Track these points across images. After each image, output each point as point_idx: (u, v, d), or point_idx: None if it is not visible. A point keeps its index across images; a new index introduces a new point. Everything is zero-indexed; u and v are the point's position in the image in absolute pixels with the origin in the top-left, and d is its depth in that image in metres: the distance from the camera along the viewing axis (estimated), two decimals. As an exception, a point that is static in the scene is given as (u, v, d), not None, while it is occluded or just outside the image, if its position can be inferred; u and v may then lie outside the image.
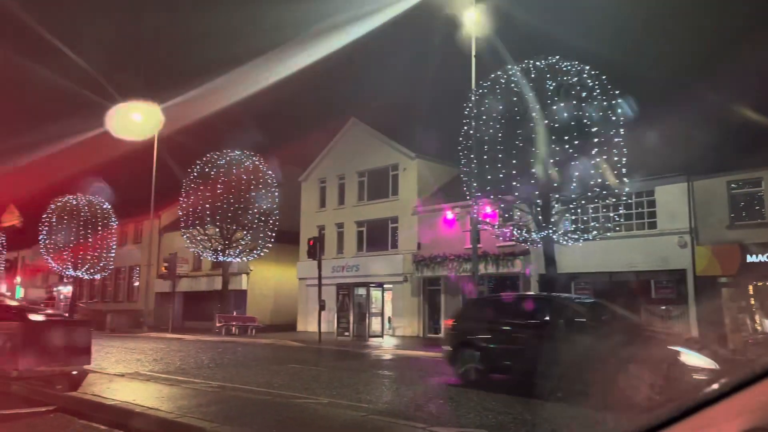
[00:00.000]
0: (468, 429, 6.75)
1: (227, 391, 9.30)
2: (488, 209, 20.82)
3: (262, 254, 30.79)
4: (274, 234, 30.73)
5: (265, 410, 7.35)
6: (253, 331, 29.47)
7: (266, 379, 11.17)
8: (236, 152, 29.59)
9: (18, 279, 52.25)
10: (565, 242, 19.06)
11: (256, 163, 29.96)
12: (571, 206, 19.08)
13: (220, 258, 29.30)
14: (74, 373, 9.98)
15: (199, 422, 6.20)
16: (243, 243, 29.47)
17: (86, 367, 10.29)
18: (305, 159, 37.28)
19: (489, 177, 18.29)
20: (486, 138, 18.42)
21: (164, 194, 38.97)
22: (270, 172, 30.69)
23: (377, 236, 32.50)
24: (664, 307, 21.99)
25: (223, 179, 28.41)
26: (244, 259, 30.76)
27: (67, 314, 35.55)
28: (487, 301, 14.55)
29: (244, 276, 37.11)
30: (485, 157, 18.26)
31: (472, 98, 19.21)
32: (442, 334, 25.14)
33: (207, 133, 45.52)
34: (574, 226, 19.97)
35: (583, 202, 18.87)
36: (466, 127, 19.15)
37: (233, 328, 29.10)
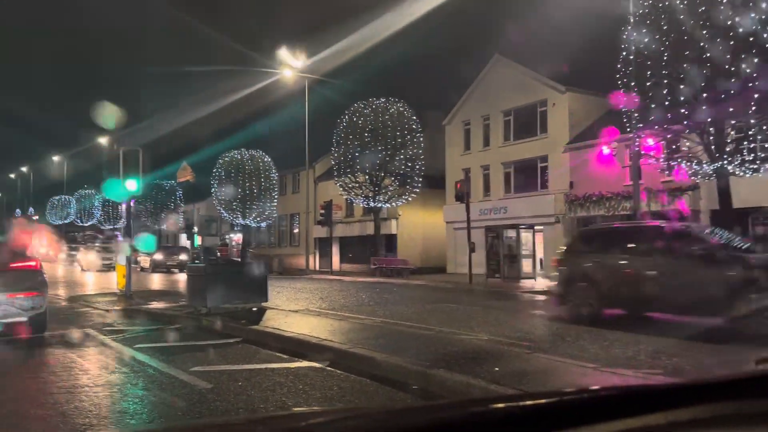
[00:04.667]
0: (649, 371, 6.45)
1: (390, 326, 9.75)
2: (650, 141, 19.20)
3: (409, 199, 31.39)
4: (421, 179, 31.08)
5: (428, 344, 7.61)
6: (406, 274, 30.44)
7: (424, 317, 11.54)
8: (381, 100, 30.03)
9: (195, 228, 58.39)
10: (741, 174, 17.12)
11: (401, 109, 30.20)
12: (749, 132, 16.99)
13: (371, 204, 30.37)
14: (254, 309, 11.05)
15: (369, 353, 6.57)
16: (391, 189, 30.23)
17: (263, 304, 11.34)
18: (447, 102, 36.91)
19: (653, 105, 16.78)
20: (648, 63, 16.83)
21: (317, 145, 40.96)
22: (414, 117, 30.82)
23: (525, 177, 31.60)
24: None
25: (370, 127, 29.10)
26: (393, 204, 31.56)
27: (239, 259, 39.40)
28: (601, 233, 13.17)
29: (393, 221, 38.19)
30: (648, 83, 16.73)
31: (633, 17, 17.53)
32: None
33: (351, 83, 46.58)
34: (752, 155, 17.80)
35: (764, 128, 16.70)
36: (625, 52, 17.61)
37: (387, 270, 30.28)
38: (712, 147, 17.16)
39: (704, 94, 15.96)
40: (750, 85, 15.52)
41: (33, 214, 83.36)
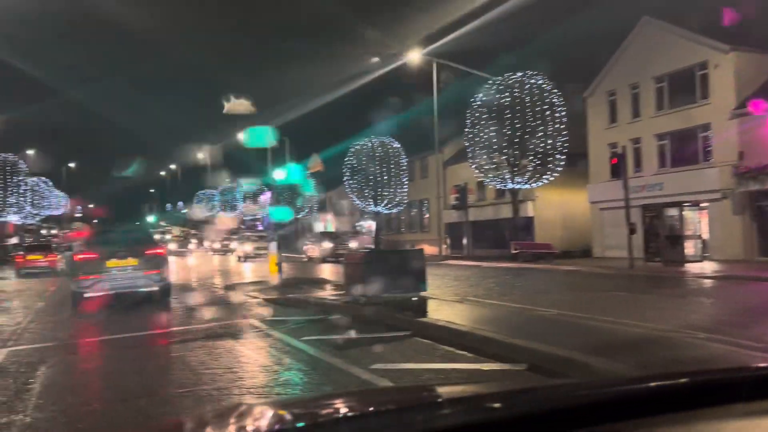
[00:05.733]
0: None
1: (569, 319, 8.67)
2: None
3: (551, 178, 29.48)
4: (563, 157, 29.07)
5: (639, 345, 6.45)
6: (550, 259, 28.73)
7: (603, 307, 10.27)
8: (517, 74, 28.34)
9: (329, 216, 59.97)
10: None
11: (539, 82, 28.33)
12: None
13: (509, 185, 28.87)
14: (413, 299, 10.42)
15: (580, 356, 5.57)
16: (531, 169, 28.52)
17: (422, 294, 10.67)
18: (587, 74, 34.26)
19: None
20: None
21: (445, 129, 40.04)
22: (555, 90, 28.80)
23: (683, 149, 28.46)
24: None
25: (506, 104, 27.56)
26: (534, 184, 29.83)
27: (372, 246, 39.65)
28: None
29: (529, 203, 36.34)
30: None
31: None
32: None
33: (480, 61, 44.92)
34: None
35: None
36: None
37: (528, 255, 28.75)
38: None
39: None
40: None
41: (182, 208, 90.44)
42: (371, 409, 1.57)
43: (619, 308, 10.31)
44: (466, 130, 29.75)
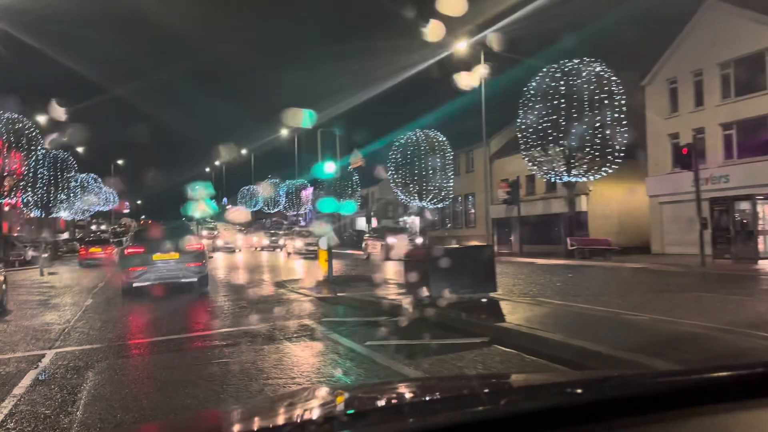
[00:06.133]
0: None
1: (667, 326, 7.66)
2: None
3: (609, 171, 28.00)
4: (623, 148, 27.58)
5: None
6: (608, 255, 27.35)
7: (698, 312, 9.20)
8: (574, 61, 26.93)
9: (372, 212, 59.37)
10: None
11: (597, 69, 26.85)
12: None
13: (564, 178, 27.52)
14: (483, 300, 9.54)
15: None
16: (587, 161, 27.10)
17: (492, 294, 9.78)
18: (643, 61, 32.59)
19: None
20: None
21: (491, 122, 38.84)
22: (614, 78, 27.28)
23: (752, 138, 26.69)
24: None
25: (562, 92, 26.20)
26: (591, 177, 28.40)
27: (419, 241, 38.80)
28: None
29: (583, 197, 34.87)
30: None
31: None
32: None
33: (526, 49, 43.44)
34: None
35: None
36: None
37: (585, 252, 27.43)
38: None
39: None
40: None
41: (226, 204, 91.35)
42: (451, 395, 1.64)
43: (721, 312, 9.25)
44: (519, 120, 28.51)
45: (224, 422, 1.75)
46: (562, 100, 26.18)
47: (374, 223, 56.94)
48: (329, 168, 15.31)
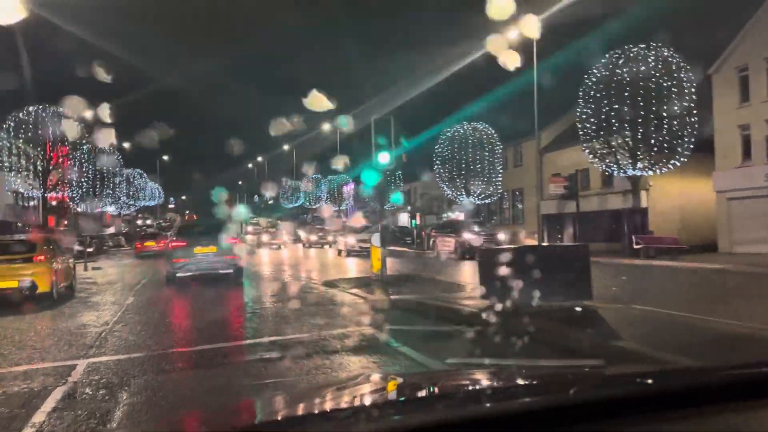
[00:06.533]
0: None
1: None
2: None
3: (678, 164, 26.02)
4: (692, 140, 25.56)
5: None
6: (676, 254, 25.44)
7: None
8: (640, 46, 24.99)
9: (413, 207, 58.03)
10: None
11: (665, 54, 24.85)
12: None
13: (629, 172, 25.64)
14: (577, 308, 8.17)
15: None
16: (654, 153, 25.16)
17: (587, 303, 8.38)
18: (709, 49, 30.32)
19: None
20: None
21: (541, 114, 36.95)
22: (683, 64, 25.24)
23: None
24: None
25: (627, 80, 24.31)
26: (657, 171, 26.45)
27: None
28: None
29: (642, 192, 32.86)
30: None
31: None
32: None
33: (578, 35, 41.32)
34: None
35: None
36: None
37: (651, 251, 25.57)
38: None
39: None
40: None
41: (268, 199, 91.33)
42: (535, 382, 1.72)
43: None
44: (578, 110, 26.71)
45: (281, 406, 1.74)
46: (627, 88, 24.29)
47: (417, 219, 55.62)
48: (383, 158, 14.11)
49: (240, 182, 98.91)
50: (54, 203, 48.37)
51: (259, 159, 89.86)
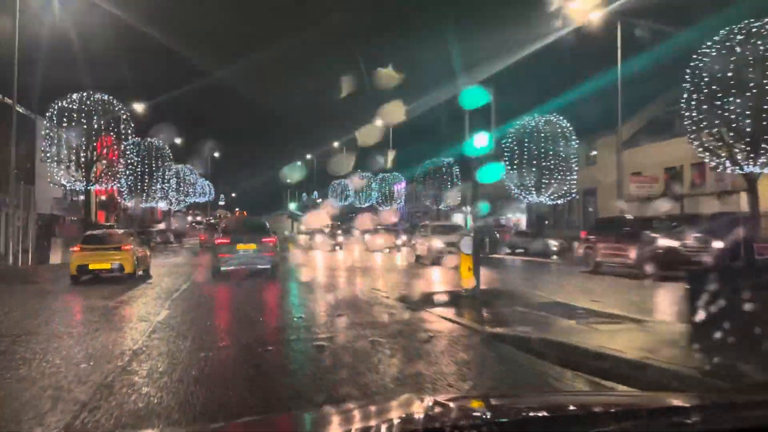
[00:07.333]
0: None
1: None
2: None
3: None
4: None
5: None
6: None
7: None
8: (764, 20, 21.01)
9: (471, 207, 54.62)
10: None
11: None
12: None
13: (746, 169, 21.73)
14: None
15: None
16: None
17: None
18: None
19: None
20: None
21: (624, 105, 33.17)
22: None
23: None
24: None
25: (747, 60, 20.42)
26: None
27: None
28: None
29: (742, 194, 28.78)
30: None
31: None
32: None
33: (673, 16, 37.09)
34: None
35: None
36: None
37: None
38: None
39: None
40: None
41: (317, 198, 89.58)
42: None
43: None
44: (682, 101, 22.95)
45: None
46: (750, 69, 20.41)
47: (471, 220, 52.23)
48: (480, 140, 11.04)
49: (288, 180, 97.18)
50: (104, 198, 47.26)
51: (308, 156, 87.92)
